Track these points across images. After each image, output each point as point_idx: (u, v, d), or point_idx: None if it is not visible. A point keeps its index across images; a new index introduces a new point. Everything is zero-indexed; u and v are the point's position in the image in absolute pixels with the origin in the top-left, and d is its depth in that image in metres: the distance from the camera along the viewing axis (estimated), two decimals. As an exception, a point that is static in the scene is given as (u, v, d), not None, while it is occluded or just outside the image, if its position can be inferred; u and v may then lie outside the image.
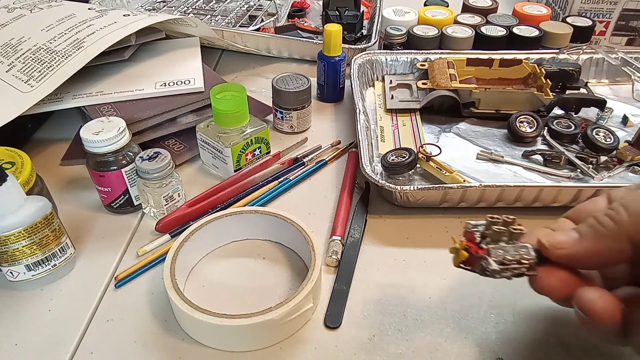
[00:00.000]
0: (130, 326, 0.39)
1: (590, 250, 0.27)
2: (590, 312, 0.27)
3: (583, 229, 0.28)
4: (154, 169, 0.45)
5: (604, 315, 0.27)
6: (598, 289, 0.28)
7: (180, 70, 0.61)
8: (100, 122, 0.46)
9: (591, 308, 0.27)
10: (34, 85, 0.53)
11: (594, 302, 0.27)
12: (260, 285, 0.43)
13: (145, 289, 0.42)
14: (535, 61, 0.67)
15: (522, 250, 0.30)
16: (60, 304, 0.41)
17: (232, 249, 0.46)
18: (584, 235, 0.28)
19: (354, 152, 0.57)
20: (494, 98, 0.61)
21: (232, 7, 0.90)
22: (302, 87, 0.59)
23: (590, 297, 0.27)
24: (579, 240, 0.28)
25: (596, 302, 0.27)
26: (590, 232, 0.28)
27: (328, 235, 0.47)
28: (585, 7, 0.81)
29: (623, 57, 0.69)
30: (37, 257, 0.40)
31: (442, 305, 0.41)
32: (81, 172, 0.54)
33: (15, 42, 0.57)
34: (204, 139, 0.53)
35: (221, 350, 0.37)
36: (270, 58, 0.79)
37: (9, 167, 0.42)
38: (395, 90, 0.67)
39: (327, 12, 0.84)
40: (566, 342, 0.38)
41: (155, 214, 0.48)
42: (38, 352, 0.37)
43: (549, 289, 0.29)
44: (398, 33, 0.72)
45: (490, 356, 0.37)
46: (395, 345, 0.38)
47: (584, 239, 0.28)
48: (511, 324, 0.39)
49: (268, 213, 0.45)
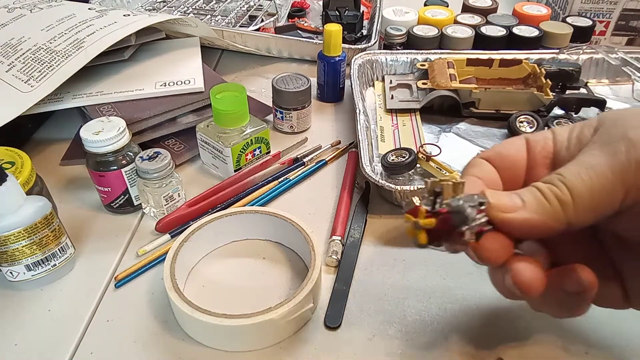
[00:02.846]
0: (130, 326, 0.39)
1: (529, 222, 0.26)
2: (520, 284, 0.27)
3: (527, 197, 0.27)
4: (154, 169, 0.45)
5: (533, 287, 0.27)
6: (528, 260, 0.28)
7: (180, 70, 0.61)
8: (100, 122, 0.46)
9: (521, 280, 0.27)
10: (34, 85, 0.53)
11: (524, 273, 0.27)
12: (260, 285, 0.43)
13: (145, 289, 0.42)
14: (535, 61, 0.67)
15: (478, 199, 0.27)
16: (60, 304, 0.41)
17: (232, 249, 0.46)
18: (527, 205, 0.27)
19: (354, 152, 0.57)
20: (494, 98, 0.61)
21: (232, 7, 0.90)
22: (302, 87, 0.59)
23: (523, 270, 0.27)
24: (521, 209, 0.27)
25: (527, 275, 0.27)
26: (534, 205, 0.26)
27: (328, 235, 0.47)
28: (585, 7, 0.81)
29: (623, 57, 0.69)
30: (37, 257, 0.40)
31: (442, 305, 0.41)
32: (81, 172, 0.54)
33: (15, 42, 0.57)
34: (204, 139, 0.53)
35: (221, 350, 0.37)
36: (270, 58, 0.79)
37: (9, 167, 0.42)
38: (395, 90, 0.67)
39: (327, 12, 0.84)
40: (566, 342, 0.38)
41: (155, 214, 0.48)
42: (38, 352, 0.37)
43: (495, 255, 0.28)
44: (398, 33, 0.72)
45: (490, 356, 0.37)
46: (395, 345, 0.38)
47: (526, 209, 0.26)
48: (511, 324, 0.39)
49: (268, 213, 0.45)
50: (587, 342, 0.38)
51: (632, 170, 0.24)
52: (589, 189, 0.25)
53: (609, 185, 0.25)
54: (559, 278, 0.29)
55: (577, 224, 0.26)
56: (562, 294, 0.29)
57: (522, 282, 0.27)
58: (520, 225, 0.26)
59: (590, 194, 0.25)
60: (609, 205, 0.25)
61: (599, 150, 0.26)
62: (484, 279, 0.31)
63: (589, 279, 0.28)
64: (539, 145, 0.29)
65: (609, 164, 0.25)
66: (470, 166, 0.31)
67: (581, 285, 0.28)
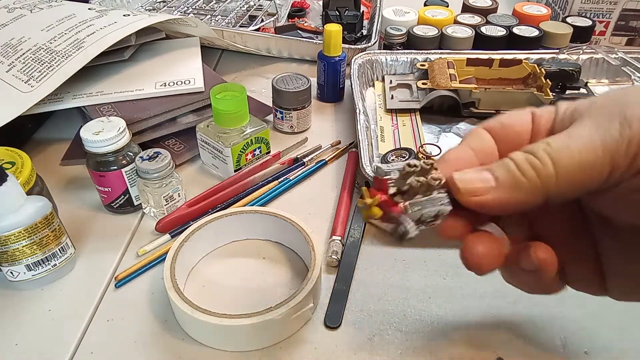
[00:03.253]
0: (130, 326, 0.39)
1: (503, 201, 0.25)
2: (468, 260, 0.27)
3: (501, 173, 0.25)
4: (154, 169, 0.45)
5: (483, 264, 0.27)
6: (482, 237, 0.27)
7: (180, 70, 0.61)
8: (100, 122, 0.46)
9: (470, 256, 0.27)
10: (34, 85, 0.53)
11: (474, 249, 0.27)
12: (260, 285, 0.43)
13: (145, 289, 0.42)
14: (535, 61, 0.67)
15: (440, 203, 0.27)
16: (61, 304, 0.41)
17: (232, 249, 0.46)
18: (500, 183, 0.25)
19: (354, 152, 0.57)
20: (494, 98, 0.61)
21: (232, 7, 0.90)
22: (302, 87, 0.59)
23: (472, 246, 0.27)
24: (494, 188, 0.25)
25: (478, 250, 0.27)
26: (508, 181, 0.25)
27: (328, 235, 0.47)
28: (585, 7, 0.81)
29: (623, 57, 0.69)
30: (37, 257, 0.40)
31: (442, 305, 0.41)
32: (81, 172, 0.54)
33: (15, 42, 0.57)
34: (204, 139, 0.53)
35: (221, 350, 0.37)
36: (270, 58, 0.79)
37: (9, 167, 0.42)
38: (395, 90, 0.67)
39: (327, 12, 0.84)
40: (566, 342, 0.38)
41: (155, 214, 0.48)
42: (38, 352, 0.37)
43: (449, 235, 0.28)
44: (398, 33, 0.72)
45: (490, 356, 0.37)
46: (395, 345, 0.38)
47: (499, 187, 0.25)
48: (511, 324, 0.39)
49: (268, 213, 0.45)
50: (587, 342, 0.38)
51: (623, 149, 0.23)
52: (576, 162, 0.24)
53: (597, 160, 0.23)
54: (517, 253, 0.28)
55: (557, 198, 0.25)
56: (521, 271, 0.28)
57: (470, 259, 0.27)
58: (491, 206, 0.25)
59: (576, 168, 0.24)
60: (593, 182, 0.24)
61: (592, 124, 0.24)
62: (484, 278, 0.31)
63: (543, 256, 0.27)
64: (543, 119, 0.28)
65: (601, 139, 0.23)
66: (468, 135, 0.29)
67: (534, 264, 0.27)
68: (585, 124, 0.25)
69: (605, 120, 0.24)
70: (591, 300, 0.31)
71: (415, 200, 0.26)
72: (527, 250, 0.27)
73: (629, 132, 0.23)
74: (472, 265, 0.27)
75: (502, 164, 0.26)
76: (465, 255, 0.27)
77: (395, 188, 0.27)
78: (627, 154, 0.23)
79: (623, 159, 0.23)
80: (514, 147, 0.28)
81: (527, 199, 0.25)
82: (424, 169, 0.26)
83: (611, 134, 0.23)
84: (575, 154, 0.24)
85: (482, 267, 0.27)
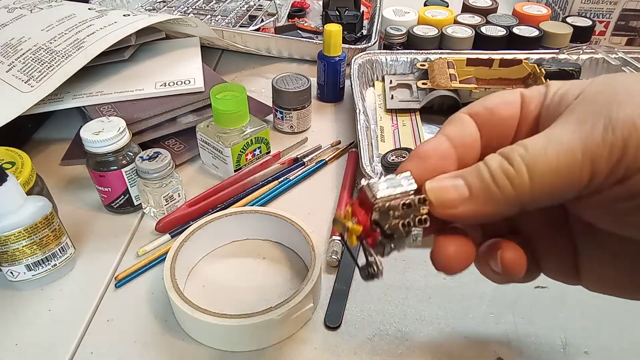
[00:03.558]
0: (130, 326, 0.39)
1: (477, 213, 0.24)
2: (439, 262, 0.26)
3: (474, 182, 0.24)
4: (154, 169, 0.45)
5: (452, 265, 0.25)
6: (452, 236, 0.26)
7: (180, 70, 0.61)
8: (100, 122, 0.46)
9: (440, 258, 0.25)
10: (34, 85, 0.53)
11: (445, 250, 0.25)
12: (260, 285, 0.43)
13: (145, 289, 0.42)
14: (535, 61, 0.67)
15: (415, 237, 0.25)
16: (60, 304, 0.41)
17: (232, 249, 0.46)
18: (474, 194, 0.24)
19: (354, 152, 0.57)
20: (494, 98, 0.61)
21: (232, 7, 0.90)
22: (302, 87, 0.59)
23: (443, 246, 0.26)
24: (468, 200, 0.24)
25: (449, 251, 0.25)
26: (482, 192, 0.23)
27: (328, 235, 0.47)
28: (585, 7, 0.81)
29: (623, 57, 0.69)
30: (37, 257, 0.40)
31: (442, 305, 0.41)
32: (81, 172, 0.54)
33: (15, 42, 0.57)
34: (204, 139, 0.53)
35: (221, 350, 0.37)
36: (270, 58, 0.79)
37: (9, 167, 0.42)
38: (395, 90, 0.67)
39: (327, 12, 0.84)
40: (567, 342, 0.38)
41: (155, 214, 0.48)
42: (38, 352, 0.37)
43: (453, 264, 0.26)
44: (398, 33, 0.72)
45: (490, 356, 0.37)
46: (395, 345, 0.38)
47: (473, 199, 0.24)
48: (511, 324, 0.39)
49: (268, 213, 0.45)
50: (587, 342, 0.38)
51: (605, 155, 0.21)
52: (553, 170, 0.22)
53: (576, 167, 0.21)
54: (487, 254, 0.27)
55: (532, 207, 0.23)
56: (490, 270, 0.27)
57: (440, 260, 0.25)
58: (465, 218, 0.24)
59: (552, 176, 0.22)
60: (571, 190, 0.22)
61: (574, 123, 0.22)
62: (484, 279, 0.31)
63: (511, 261, 0.26)
64: (533, 103, 0.26)
65: (582, 143, 0.21)
66: (448, 122, 0.27)
67: (502, 268, 0.26)
68: (568, 123, 0.23)
69: (589, 119, 0.22)
70: (591, 300, 0.31)
71: (392, 238, 0.25)
72: (494, 253, 0.26)
73: (612, 137, 0.21)
74: (441, 267, 0.25)
75: (476, 171, 0.24)
76: (435, 257, 0.26)
77: (377, 215, 0.24)
78: (609, 161, 0.21)
79: (604, 166, 0.21)
80: (499, 134, 0.26)
81: (501, 210, 0.23)
82: (415, 207, 0.24)
83: (593, 137, 0.21)
84: (553, 160, 0.22)
85: (452, 268, 0.26)
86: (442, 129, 0.27)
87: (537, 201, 0.23)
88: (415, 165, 0.26)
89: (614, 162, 0.21)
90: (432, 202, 0.24)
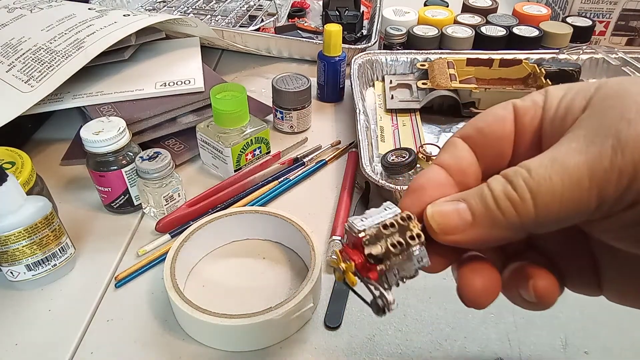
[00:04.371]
0: (130, 326, 0.39)
1: (482, 238, 0.23)
2: (467, 298, 0.25)
3: (478, 207, 0.23)
4: (154, 169, 0.45)
5: (481, 300, 0.24)
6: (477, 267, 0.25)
7: (180, 70, 0.61)
8: (100, 122, 0.46)
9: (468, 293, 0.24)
10: (34, 85, 0.53)
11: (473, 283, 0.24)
12: (260, 285, 0.43)
13: (145, 289, 0.42)
14: (535, 61, 0.67)
15: (419, 259, 0.24)
16: (60, 304, 0.41)
17: (232, 249, 0.46)
18: (477, 220, 0.23)
19: (354, 152, 0.57)
20: (494, 98, 0.61)
21: (232, 7, 0.90)
22: (302, 87, 0.59)
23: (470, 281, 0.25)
24: (471, 225, 0.23)
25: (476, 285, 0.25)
26: (486, 218, 0.22)
27: (328, 235, 0.47)
28: (585, 7, 0.81)
29: (623, 57, 0.69)
30: (37, 257, 0.40)
31: (442, 305, 0.41)
32: (81, 172, 0.54)
33: (15, 42, 0.57)
34: (204, 139, 0.53)
35: (221, 350, 0.37)
36: (270, 58, 0.79)
37: (9, 167, 0.42)
38: (395, 90, 0.67)
39: (327, 12, 0.84)
40: (567, 342, 0.38)
41: (155, 214, 0.48)
42: (38, 352, 0.37)
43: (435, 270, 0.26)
44: (398, 33, 0.72)
45: (490, 356, 0.37)
46: (395, 345, 0.38)
47: (477, 224, 0.23)
48: (511, 324, 0.39)
49: (268, 213, 0.45)
50: (587, 342, 0.38)
51: (614, 181, 0.20)
52: (557, 197, 0.21)
53: (583, 193, 0.20)
54: (516, 281, 0.26)
55: (538, 232, 0.22)
56: (520, 297, 0.26)
57: (469, 296, 0.24)
58: (469, 243, 0.23)
59: (558, 204, 0.21)
60: (578, 216, 0.21)
61: (581, 143, 0.21)
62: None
63: (545, 290, 0.25)
64: (528, 115, 0.25)
65: (589, 168, 0.20)
66: (443, 149, 0.26)
67: (536, 298, 0.25)
68: (575, 141, 0.21)
69: (597, 139, 0.20)
70: (591, 300, 0.30)
71: (392, 263, 0.24)
72: (525, 282, 0.25)
73: (621, 161, 0.20)
74: (471, 303, 0.24)
75: (479, 194, 0.23)
76: (463, 293, 0.24)
77: (368, 247, 0.24)
78: (618, 187, 0.20)
79: (612, 192, 0.20)
80: (496, 154, 0.25)
81: (506, 235, 0.23)
82: (400, 225, 0.24)
83: (601, 160, 0.20)
84: (558, 187, 0.21)
85: (482, 303, 0.24)
86: (436, 158, 0.26)
87: (543, 226, 0.22)
88: (411, 201, 0.25)
89: (623, 187, 0.20)
90: (434, 228, 0.23)
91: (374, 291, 0.24)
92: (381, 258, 0.24)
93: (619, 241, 0.23)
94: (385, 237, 0.24)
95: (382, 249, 0.24)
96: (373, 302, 0.25)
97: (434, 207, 0.24)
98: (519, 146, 0.25)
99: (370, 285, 0.24)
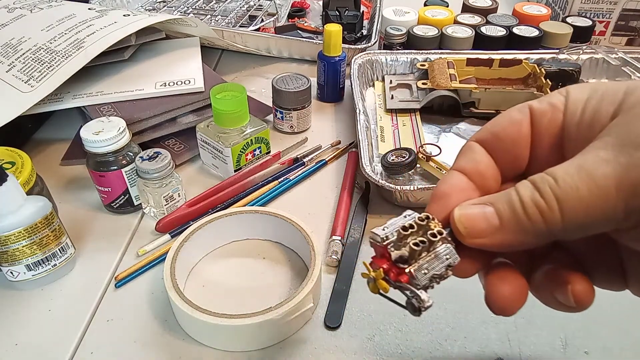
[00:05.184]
0: (130, 326, 0.39)
1: (509, 242, 0.23)
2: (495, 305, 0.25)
3: (505, 212, 0.23)
4: (154, 169, 0.45)
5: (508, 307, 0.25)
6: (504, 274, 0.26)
7: (180, 70, 0.61)
8: (100, 122, 0.46)
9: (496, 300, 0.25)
10: (34, 85, 0.53)
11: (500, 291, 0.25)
12: (260, 285, 0.43)
13: (145, 289, 0.42)
14: (535, 61, 0.67)
15: (447, 256, 0.25)
16: (60, 304, 0.41)
17: (232, 249, 0.46)
18: (504, 224, 0.23)
19: (354, 152, 0.57)
20: (494, 98, 0.61)
21: (232, 7, 0.90)
22: (302, 87, 0.59)
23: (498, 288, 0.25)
24: (498, 229, 0.23)
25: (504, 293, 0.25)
26: (512, 222, 0.22)
27: (328, 235, 0.47)
28: (585, 7, 0.81)
29: (623, 57, 0.69)
30: (37, 257, 0.40)
31: (442, 305, 0.41)
32: (81, 172, 0.54)
33: (15, 42, 0.57)
34: (204, 139, 0.53)
35: (221, 350, 0.37)
36: (270, 58, 0.79)
37: (9, 167, 0.42)
38: (395, 90, 0.67)
39: (327, 12, 0.84)
40: (566, 342, 0.38)
41: (155, 214, 0.48)
42: (38, 352, 0.37)
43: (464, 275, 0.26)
44: (398, 33, 0.72)
45: (490, 356, 0.37)
46: (395, 345, 0.38)
47: (504, 229, 0.23)
48: (511, 324, 0.39)
49: (268, 213, 0.45)
50: (587, 342, 0.38)
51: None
52: (584, 206, 0.21)
53: (610, 204, 0.20)
54: (551, 285, 0.26)
55: (565, 238, 0.23)
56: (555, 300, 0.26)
57: (498, 304, 0.25)
58: (496, 247, 0.23)
59: (584, 213, 0.21)
60: (604, 226, 0.21)
61: (609, 152, 0.21)
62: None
63: (583, 294, 0.25)
64: (545, 118, 0.24)
65: (617, 178, 0.20)
66: (460, 154, 0.27)
67: (575, 302, 0.25)
68: (603, 150, 0.21)
69: (625, 149, 0.20)
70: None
71: (421, 263, 0.24)
72: (563, 287, 0.25)
73: None
74: (499, 310, 0.25)
75: (507, 199, 0.23)
76: (491, 301, 0.25)
77: (397, 253, 0.24)
78: None
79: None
80: (514, 156, 0.26)
81: (533, 241, 0.23)
82: (420, 225, 0.24)
83: (629, 172, 0.20)
84: (585, 197, 0.21)
85: (510, 310, 0.25)
86: (454, 163, 0.27)
87: (569, 234, 0.22)
88: (437, 207, 0.25)
89: None
90: (461, 231, 0.24)
91: (406, 293, 0.25)
92: (407, 259, 0.24)
93: None
94: (410, 240, 0.24)
95: (407, 250, 0.24)
96: (408, 303, 0.25)
97: (460, 209, 0.24)
98: (537, 148, 0.26)
99: (402, 287, 0.25)
